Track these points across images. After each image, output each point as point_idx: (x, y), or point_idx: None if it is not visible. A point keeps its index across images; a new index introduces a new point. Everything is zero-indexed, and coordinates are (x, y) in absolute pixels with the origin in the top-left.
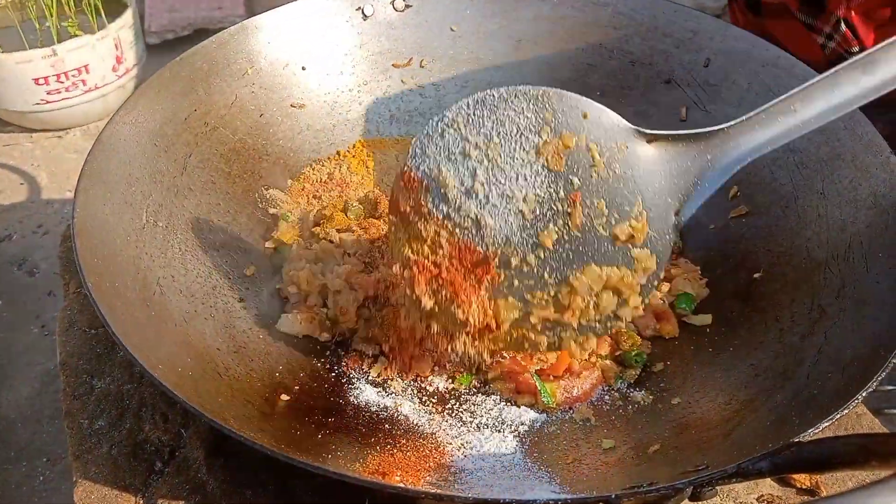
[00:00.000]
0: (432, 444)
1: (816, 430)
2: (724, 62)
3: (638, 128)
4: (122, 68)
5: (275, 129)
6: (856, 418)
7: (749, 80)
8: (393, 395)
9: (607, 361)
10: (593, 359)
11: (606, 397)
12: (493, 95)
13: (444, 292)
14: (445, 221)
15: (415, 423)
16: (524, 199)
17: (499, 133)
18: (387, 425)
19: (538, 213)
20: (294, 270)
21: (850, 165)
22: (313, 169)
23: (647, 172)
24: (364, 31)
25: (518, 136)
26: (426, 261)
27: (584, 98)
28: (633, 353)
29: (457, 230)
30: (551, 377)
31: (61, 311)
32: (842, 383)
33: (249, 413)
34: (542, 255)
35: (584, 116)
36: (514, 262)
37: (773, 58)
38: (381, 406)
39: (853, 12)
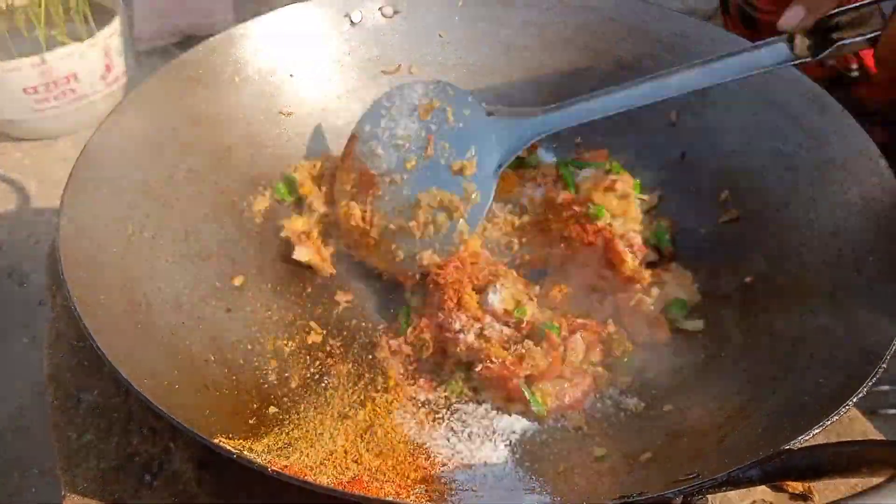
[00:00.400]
0: (423, 454)
1: (808, 437)
2: None
3: (485, 105)
4: (111, 76)
5: (263, 137)
6: (848, 422)
7: (739, 84)
8: (383, 405)
9: (599, 368)
10: (585, 366)
11: (598, 405)
12: (402, 84)
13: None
14: (359, 155)
15: (405, 432)
16: (401, 137)
17: (400, 100)
18: (377, 436)
19: (408, 147)
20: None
21: (841, 170)
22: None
23: (482, 130)
24: (352, 38)
25: (410, 101)
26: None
27: (455, 85)
28: (625, 360)
29: (362, 159)
30: (541, 383)
31: (49, 322)
32: (833, 389)
33: (237, 426)
34: (405, 177)
35: (449, 93)
36: (388, 179)
37: None
38: (372, 417)
39: None
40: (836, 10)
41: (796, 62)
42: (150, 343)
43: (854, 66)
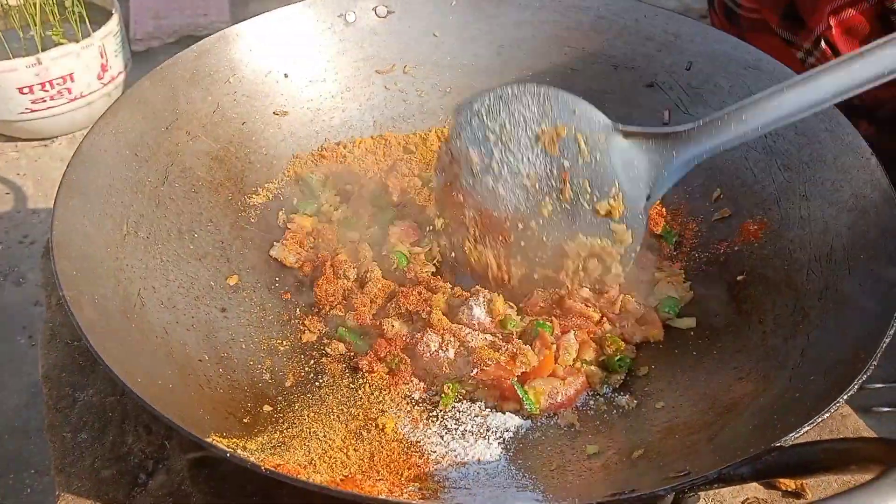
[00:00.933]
0: (416, 452)
1: (799, 434)
2: (705, 65)
3: (617, 124)
4: (107, 76)
5: (258, 136)
6: (840, 419)
7: (731, 83)
8: (378, 403)
9: (592, 367)
10: (578, 364)
11: (591, 402)
12: (507, 91)
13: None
14: (468, 189)
15: (399, 431)
16: (527, 176)
17: (510, 122)
18: (371, 434)
19: (538, 187)
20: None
21: (832, 167)
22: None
23: (623, 161)
24: (346, 38)
25: (524, 125)
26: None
27: (575, 97)
28: (617, 359)
29: (478, 197)
30: (534, 380)
31: (44, 322)
32: (824, 386)
33: (231, 425)
34: (541, 222)
35: (574, 112)
36: (521, 226)
37: (755, 60)
38: (366, 415)
39: (834, 29)
40: None
41: None
42: (144, 342)
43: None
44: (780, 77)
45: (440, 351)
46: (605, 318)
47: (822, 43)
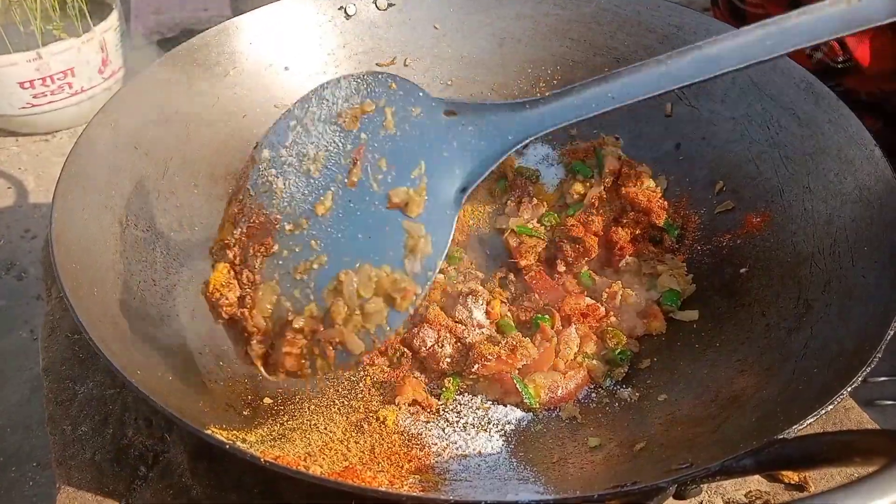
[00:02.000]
0: (417, 444)
1: (801, 427)
2: None
3: (445, 100)
4: (108, 70)
5: (258, 130)
6: (844, 412)
7: (734, 75)
8: (377, 396)
9: (594, 361)
10: (580, 358)
11: (593, 395)
12: (327, 81)
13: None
14: (250, 190)
15: (400, 423)
16: (314, 158)
17: (318, 105)
18: (372, 426)
19: (324, 171)
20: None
21: (836, 159)
22: None
23: (438, 138)
24: (347, 31)
25: (330, 105)
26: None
27: (400, 77)
28: (618, 352)
29: (255, 194)
30: (535, 373)
31: (45, 316)
32: (827, 378)
33: (231, 417)
34: (313, 223)
35: (390, 87)
36: (288, 226)
37: None
38: (367, 408)
39: None
40: None
41: None
42: (143, 335)
43: (840, 57)
44: (783, 69)
45: (437, 346)
46: (609, 313)
47: None
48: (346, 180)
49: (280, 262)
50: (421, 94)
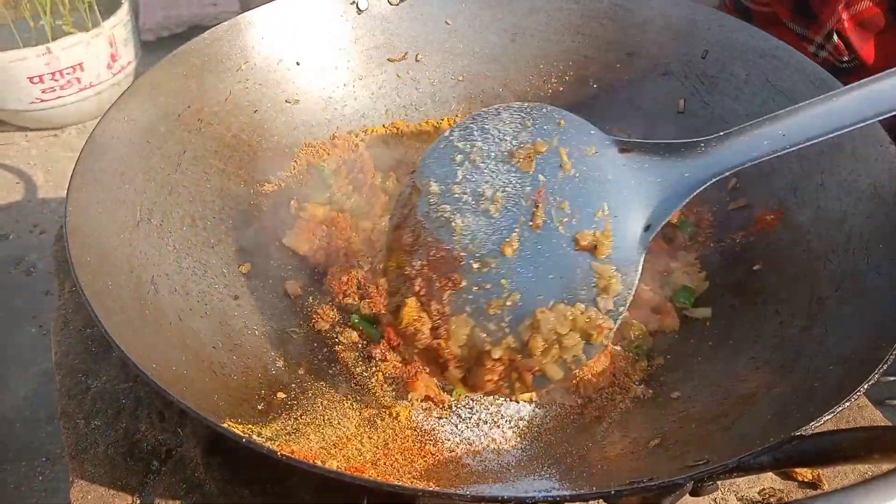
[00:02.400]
0: (430, 440)
1: (818, 424)
2: (721, 53)
3: (615, 137)
4: (117, 66)
5: (269, 124)
6: (858, 410)
7: (747, 71)
8: (391, 392)
9: (617, 347)
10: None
11: (606, 391)
12: (486, 110)
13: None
14: (423, 222)
15: (413, 419)
16: (492, 199)
17: (483, 139)
18: (385, 422)
19: (505, 212)
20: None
21: (850, 156)
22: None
23: (617, 178)
24: (358, 26)
25: (498, 141)
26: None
27: (565, 111)
28: (636, 346)
29: (428, 226)
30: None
31: (56, 310)
32: (843, 376)
33: (246, 411)
34: (501, 263)
35: (559, 124)
36: (476, 266)
37: (772, 48)
38: (380, 403)
39: (846, 23)
40: None
41: None
42: (158, 329)
43: (845, 56)
44: (796, 66)
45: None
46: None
47: (835, 36)
48: (530, 223)
49: (469, 297)
50: (592, 131)
